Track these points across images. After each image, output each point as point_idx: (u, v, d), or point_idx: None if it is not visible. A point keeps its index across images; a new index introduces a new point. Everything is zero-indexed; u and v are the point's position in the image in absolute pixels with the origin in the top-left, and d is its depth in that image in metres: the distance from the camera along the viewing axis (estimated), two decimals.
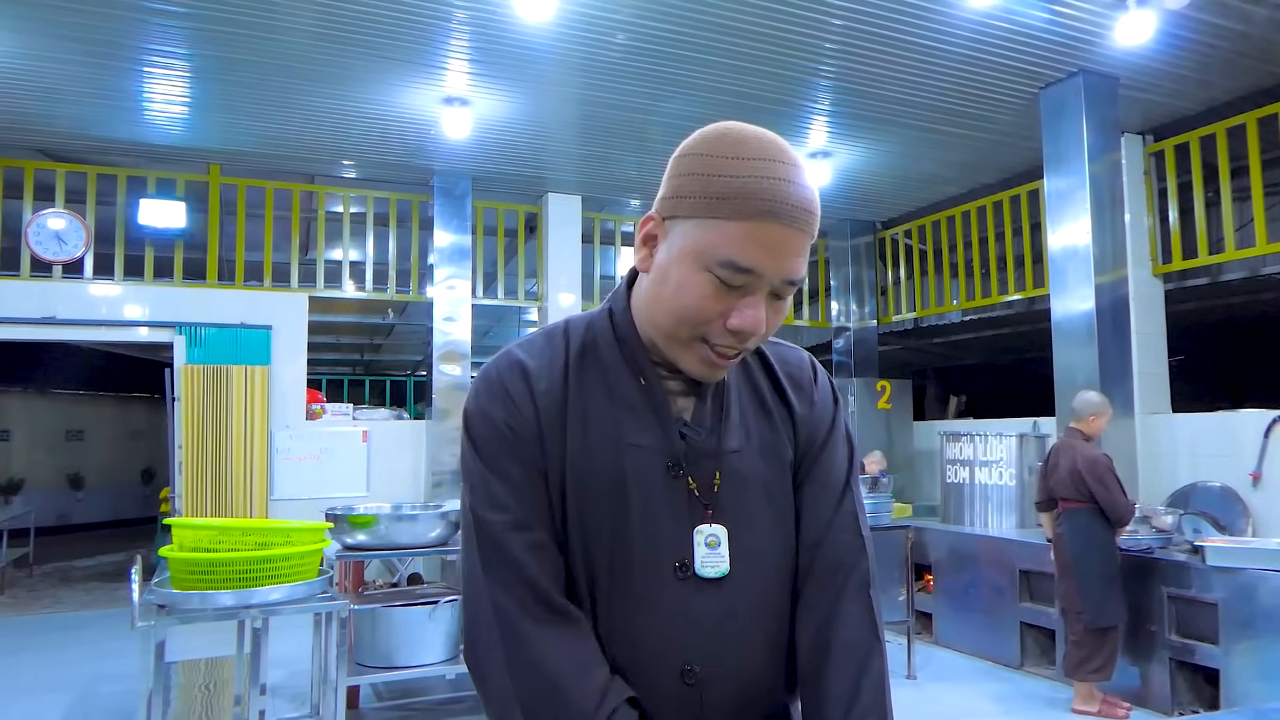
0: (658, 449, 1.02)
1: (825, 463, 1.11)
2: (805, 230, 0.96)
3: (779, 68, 5.79)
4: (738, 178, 0.94)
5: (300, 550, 3.25)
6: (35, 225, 7.05)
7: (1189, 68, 5.79)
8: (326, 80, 5.98)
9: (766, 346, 1.15)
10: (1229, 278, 6.46)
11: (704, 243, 0.94)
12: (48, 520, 12.77)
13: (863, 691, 1.01)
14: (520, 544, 0.98)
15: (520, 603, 0.97)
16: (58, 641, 6.61)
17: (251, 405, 7.31)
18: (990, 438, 6.32)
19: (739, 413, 1.08)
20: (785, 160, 0.96)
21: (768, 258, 0.94)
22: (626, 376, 1.04)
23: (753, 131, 0.99)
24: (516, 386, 1.03)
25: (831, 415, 1.13)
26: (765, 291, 0.97)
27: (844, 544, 1.08)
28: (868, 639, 1.05)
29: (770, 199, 0.93)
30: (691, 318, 0.97)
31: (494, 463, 1.01)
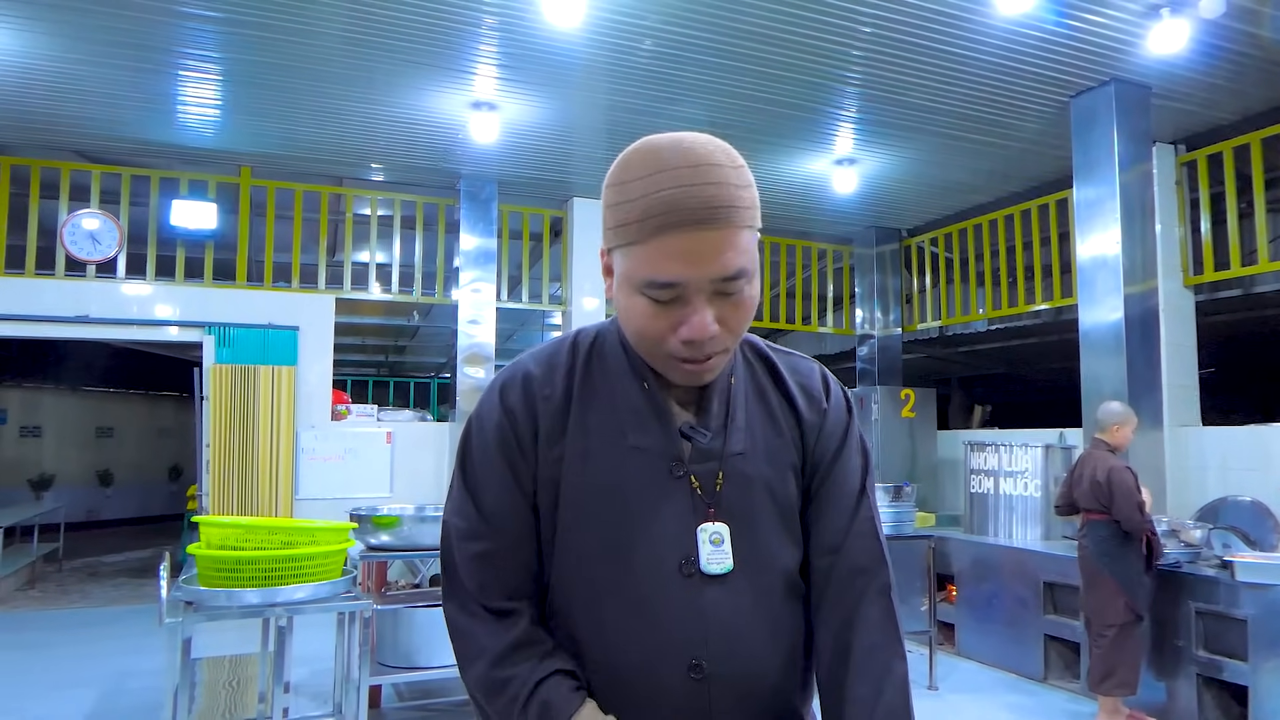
0: (659, 451, 1.05)
1: (840, 470, 1.12)
2: (718, 227, 0.93)
3: (806, 74, 5.78)
4: (635, 200, 0.95)
5: (325, 550, 3.28)
6: (70, 225, 7.18)
7: (1223, 77, 5.72)
8: (356, 84, 6.04)
9: (777, 356, 1.16)
10: (1262, 290, 6.37)
11: (628, 269, 0.97)
12: (77, 516, 12.98)
13: (885, 695, 1.02)
14: (464, 553, 1.07)
15: (464, 606, 1.07)
16: (86, 636, 6.70)
17: (278, 405, 7.40)
18: (1015, 448, 6.26)
19: (745, 417, 1.10)
20: (681, 165, 0.94)
21: (684, 267, 0.94)
22: (630, 381, 1.08)
23: (652, 145, 0.98)
24: (516, 395, 1.08)
25: (845, 424, 1.15)
26: (704, 296, 0.96)
27: (862, 549, 1.09)
28: (889, 643, 1.06)
29: (665, 211, 0.92)
30: (646, 338, 1.00)
31: (471, 472, 1.09)
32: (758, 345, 1.18)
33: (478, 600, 1.05)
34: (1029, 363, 11.34)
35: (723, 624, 1.02)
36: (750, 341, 1.17)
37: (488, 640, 1.04)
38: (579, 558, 1.04)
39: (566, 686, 1.02)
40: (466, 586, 1.06)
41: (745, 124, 6.64)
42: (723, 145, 0.99)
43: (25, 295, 7.02)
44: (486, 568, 1.06)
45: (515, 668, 1.02)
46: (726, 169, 0.95)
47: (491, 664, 1.03)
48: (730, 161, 0.97)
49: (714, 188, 0.93)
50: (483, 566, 1.06)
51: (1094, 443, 4.88)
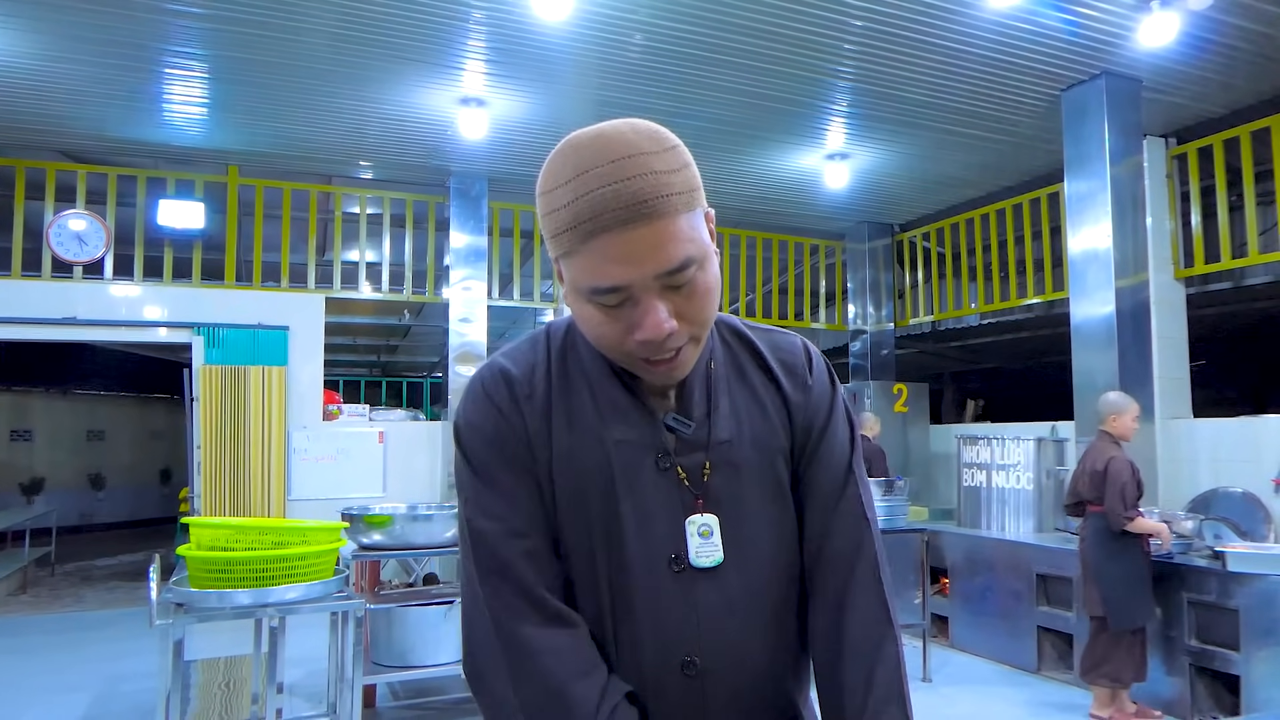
0: (644, 443, 1.02)
1: (826, 447, 1.09)
2: (650, 221, 0.88)
3: (798, 69, 5.78)
4: (562, 209, 0.91)
5: (316, 550, 3.26)
6: (56, 226, 7.12)
7: (1213, 70, 5.73)
8: (343, 81, 6.01)
9: (756, 335, 1.13)
10: (1252, 282, 6.39)
11: (572, 277, 0.94)
12: (69, 520, 12.91)
13: (878, 679, 1.00)
14: (515, 551, 0.99)
15: (517, 611, 0.97)
16: (79, 640, 6.66)
17: (269, 406, 7.36)
18: (1008, 441, 6.27)
19: (729, 403, 1.07)
20: (600, 163, 0.89)
21: (623, 269, 0.89)
22: (607, 375, 1.04)
23: (572, 147, 0.92)
24: (501, 394, 1.04)
25: (830, 399, 1.11)
26: (654, 293, 0.91)
27: (850, 528, 1.07)
28: (881, 625, 1.03)
29: (592, 215, 0.88)
30: (605, 344, 0.97)
31: (485, 472, 1.02)
32: (735, 326, 1.14)
33: (540, 604, 0.98)
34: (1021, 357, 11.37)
35: (714, 620, 1.00)
36: (728, 323, 1.14)
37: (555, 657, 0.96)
38: (570, 557, 1.02)
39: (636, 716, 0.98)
40: (526, 586, 0.98)
41: (737, 119, 6.63)
42: (649, 130, 0.92)
43: (11, 297, 6.96)
44: (541, 565, 1.00)
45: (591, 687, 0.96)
46: (650, 156, 0.89)
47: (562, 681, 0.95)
48: (656, 146, 0.91)
49: (638, 180, 0.88)
50: (537, 564, 1.00)
51: (1098, 435, 4.82)
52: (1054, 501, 6.09)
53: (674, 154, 0.92)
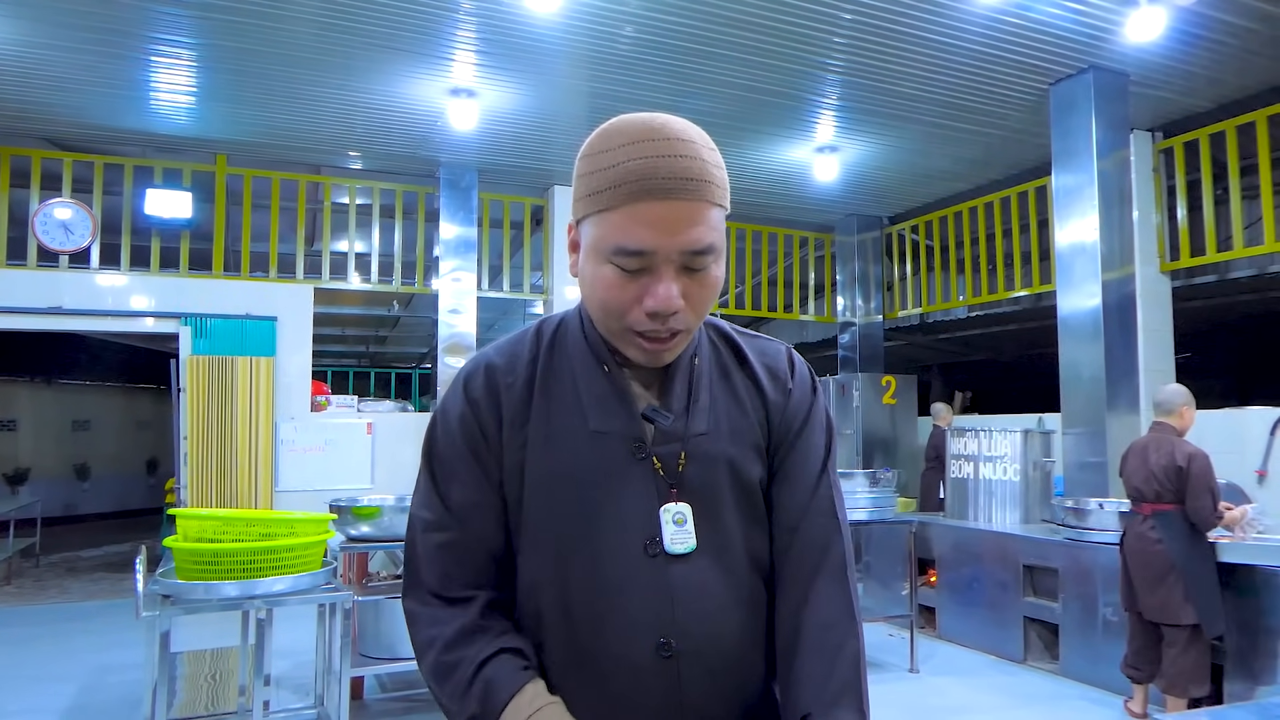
0: (621, 434, 1.06)
1: (802, 449, 1.13)
2: (690, 199, 0.95)
3: (788, 61, 5.77)
4: (611, 168, 0.96)
5: (304, 541, 3.25)
6: (42, 215, 7.06)
7: (1200, 64, 5.76)
8: (333, 70, 5.97)
9: (742, 339, 1.17)
10: (1237, 275, 6.44)
11: (598, 237, 0.98)
12: (54, 510, 12.82)
13: (836, 672, 1.02)
14: (430, 543, 1.08)
15: (420, 596, 1.08)
16: (64, 631, 6.63)
17: (256, 396, 7.33)
18: (995, 433, 6.31)
19: (709, 399, 1.10)
20: (657, 137, 0.96)
21: (654, 235, 0.95)
22: (591, 366, 1.08)
23: (629, 120, 0.99)
24: (479, 385, 1.09)
25: (809, 403, 1.15)
26: (672, 268, 0.97)
27: (819, 527, 1.10)
28: (842, 620, 1.06)
29: (640, 178, 0.94)
30: (610, 309, 1.00)
31: (435, 463, 1.11)
32: (723, 328, 1.18)
33: (437, 591, 1.07)
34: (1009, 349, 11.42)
35: (689, 602, 1.03)
36: (715, 325, 1.18)
37: (439, 627, 1.05)
38: (546, 542, 1.05)
39: (513, 665, 1.02)
40: (427, 577, 1.08)
41: (727, 111, 6.63)
42: (697, 128, 1.01)
43: None
44: (450, 558, 1.07)
45: (464, 650, 1.03)
46: (700, 146, 0.98)
47: (442, 649, 1.04)
48: (704, 141, 0.99)
49: (688, 160, 0.95)
50: (446, 557, 1.07)
51: (1158, 427, 4.52)
52: (1040, 493, 6.13)
53: (717, 154, 1.02)
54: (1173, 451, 4.33)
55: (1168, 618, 4.26)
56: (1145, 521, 4.39)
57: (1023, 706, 4.82)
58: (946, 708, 4.79)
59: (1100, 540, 5.09)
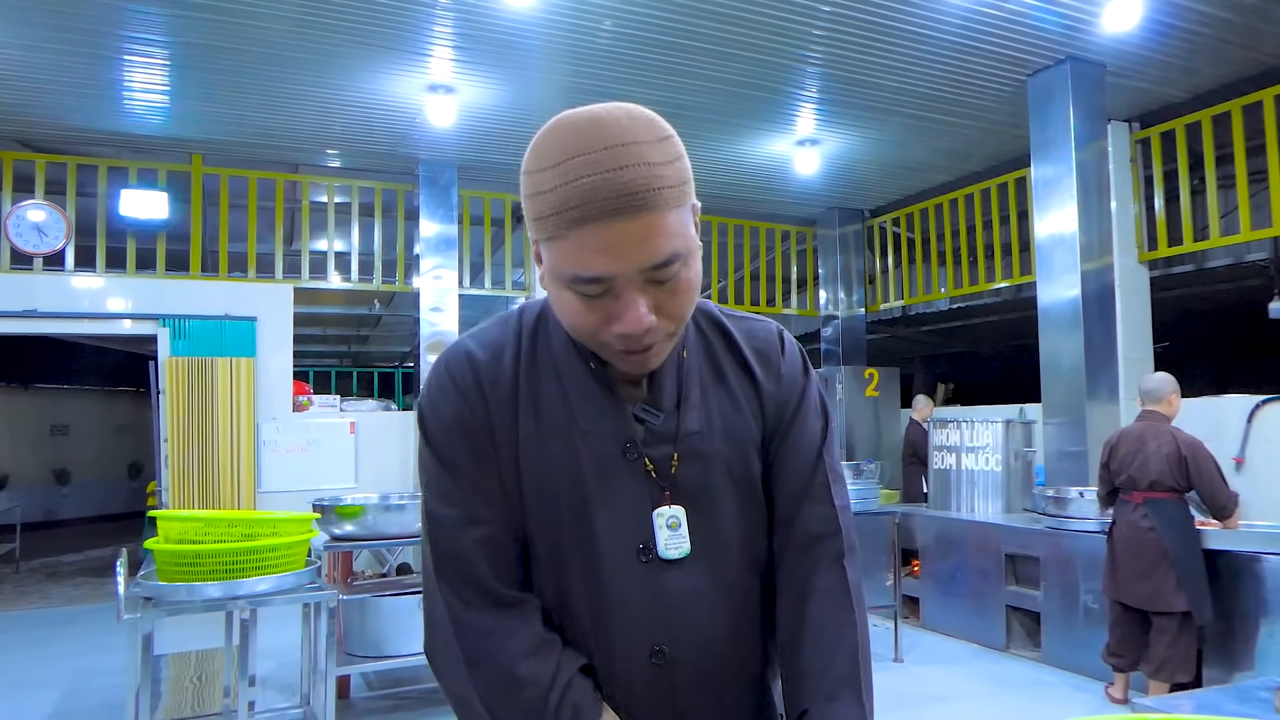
0: (611, 434, 1.01)
1: (796, 435, 1.08)
2: (641, 214, 0.85)
3: (767, 54, 5.78)
4: (549, 191, 0.87)
5: (287, 541, 3.23)
6: (15, 217, 6.96)
7: (1175, 55, 5.81)
8: (309, 68, 5.92)
9: (732, 323, 1.11)
10: (1214, 264, 6.51)
11: (552, 263, 0.91)
12: (34, 516, 12.67)
13: (834, 666, 1.00)
14: (468, 540, 0.99)
15: (468, 598, 0.98)
16: (46, 637, 6.56)
17: (237, 397, 7.26)
18: (977, 424, 6.35)
19: (700, 394, 1.05)
20: (594, 149, 0.85)
21: (608, 261, 0.87)
22: (577, 363, 1.02)
23: (562, 127, 0.89)
24: (465, 379, 1.02)
25: (801, 387, 1.10)
26: (635, 288, 0.89)
27: (817, 516, 1.06)
28: (843, 611, 1.03)
29: (580, 203, 0.85)
30: (580, 333, 0.95)
31: (445, 457, 1.01)
32: (712, 313, 1.12)
33: (492, 589, 0.98)
34: (990, 341, 11.51)
35: (683, 610, 1.00)
36: (705, 310, 1.12)
37: (500, 639, 0.97)
38: (541, 544, 1.02)
39: (589, 687, 0.98)
40: (480, 575, 0.98)
41: (707, 105, 6.63)
42: (644, 117, 0.90)
43: None
44: (494, 552, 0.99)
45: (540, 666, 0.96)
46: (645, 146, 0.87)
47: (513, 663, 0.96)
48: (651, 135, 0.88)
49: (631, 170, 0.85)
50: (490, 551, 0.99)
51: (1149, 415, 4.50)
52: (1022, 483, 6.18)
53: (669, 144, 0.90)
54: (1174, 440, 4.33)
55: (1159, 605, 4.26)
56: (1137, 510, 4.39)
57: (1005, 693, 4.86)
58: (930, 696, 4.82)
59: (1081, 528, 5.14)
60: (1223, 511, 4.27)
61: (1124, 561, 4.42)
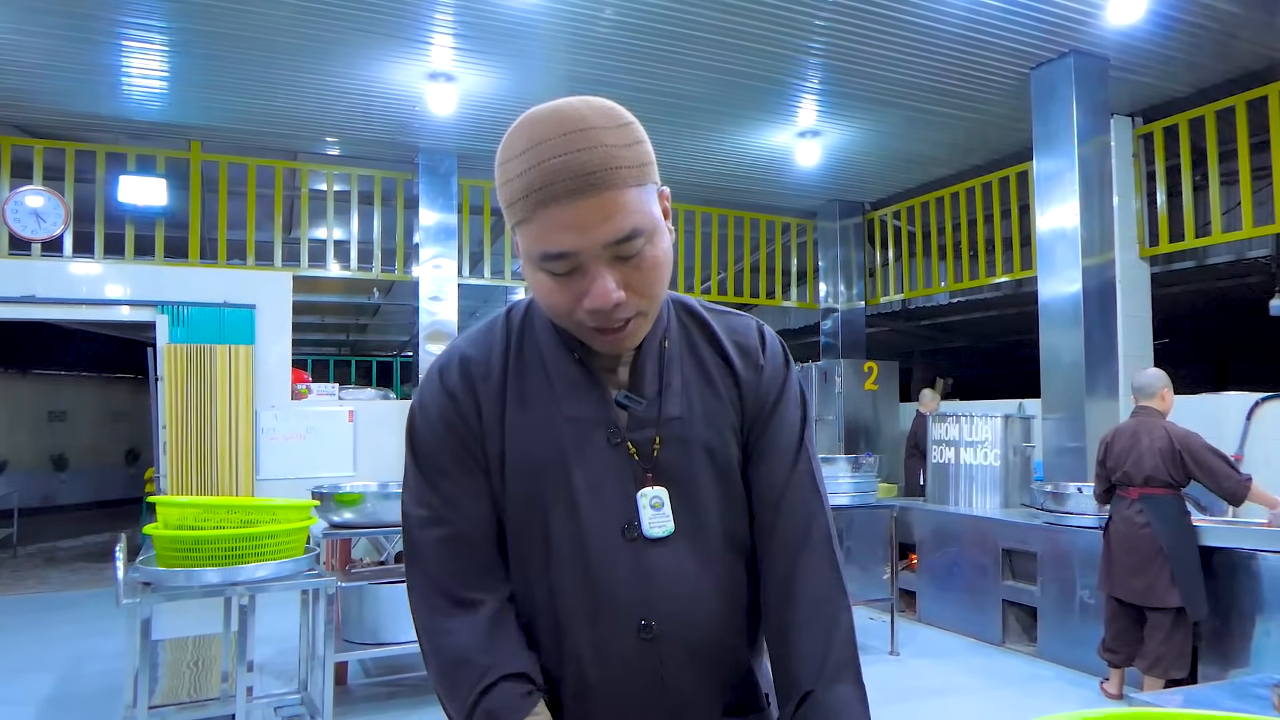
0: (595, 419, 1.06)
1: (777, 425, 1.12)
2: (598, 192, 0.92)
3: (769, 44, 5.75)
4: (516, 178, 0.94)
5: (286, 528, 3.23)
6: (13, 203, 6.94)
7: (1179, 49, 5.79)
8: (308, 54, 5.89)
9: (712, 316, 1.16)
10: (1215, 261, 6.50)
11: (524, 246, 0.98)
12: (31, 501, 12.68)
13: (833, 648, 1.03)
14: (431, 540, 1.06)
15: (426, 595, 1.06)
16: (43, 621, 6.57)
17: (236, 385, 7.26)
18: (976, 419, 6.35)
19: (681, 382, 1.10)
20: (553, 135, 0.92)
21: (572, 236, 0.93)
22: (562, 352, 1.08)
23: (528, 120, 0.96)
24: (454, 379, 1.08)
25: (782, 378, 1.15)
26: (602, 263, 0.95)
27: (801, 501, 1.10)
28: (833, 594, 1.07)
29: (544, 184, 0.92)
30: (555, 312, 1.00)
31: (423, 458, 1.08)
32: (691, 307, 1.17)
33: (446, 590, 1.05)
34: (990, 335, 11.50)
35: (668, 585, 1.04)
36: (684, 303, 1.17)
37: (447, 638, 1.04)
38: (526, 529, 1.06)
39: (515, 692, 1.01)
40: (434, 574, 1.06)
41: (708, 95, 6.60)
42: (604, 106, 0.96)
43: None
44: (455, 553, 1.06)
45: (469, 670, 1.02)
46: (602, 130, 0.93)
47: (447, 665, 1.03)
48: (609, 122, 0.94)
49: (588, 153, 0.92)
50: (451, 551, 1.06)
51: (1143, 411, 4.51)
52: (1020, 478, 6.19)
53: (627, 130, 0.96)
54: (1167, 434, 4.33)
55: (1153, 601, 4.27)
56: (1132, 505, 4.40)
57: (1000, 688, 4.87)
58: (926, 689, 4.83)
59: (1079, 524, 5.14)
60: (1234, 497, 4.23)
61: (1119, 557, 4.43)
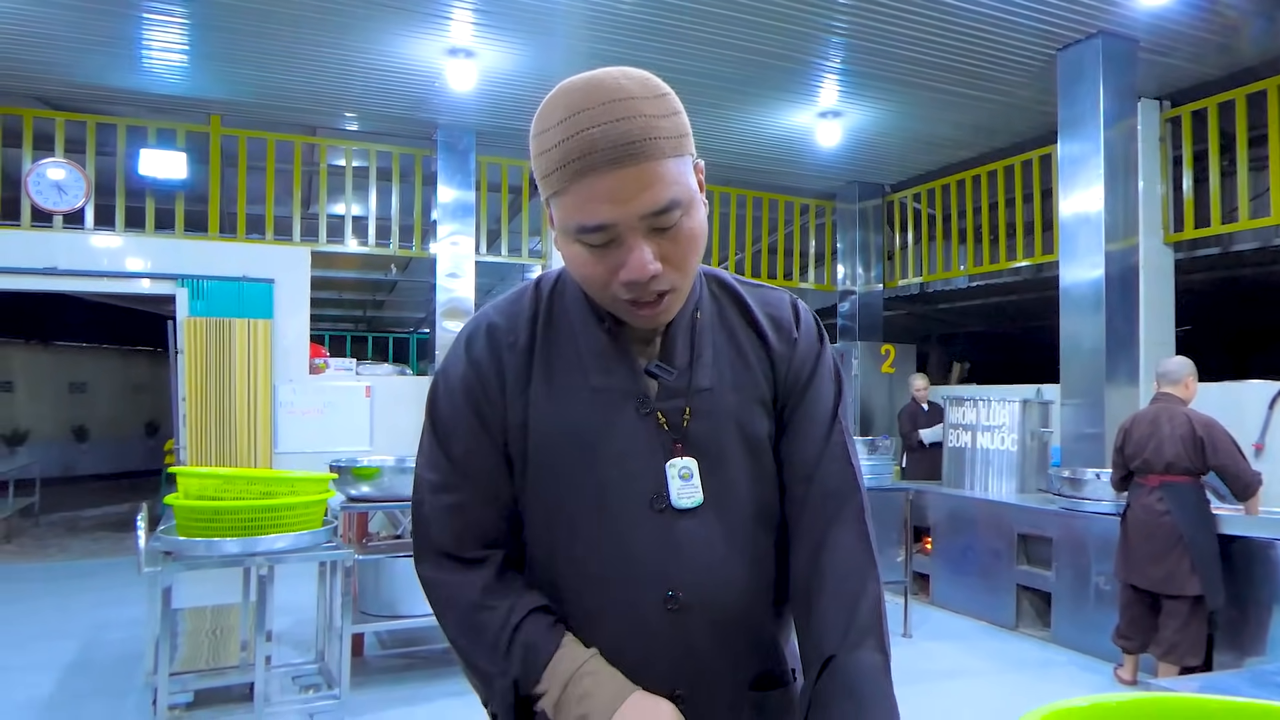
0: (624, 389, 1.05)
1: (811, 398, 1.12)
2: (638, 162, 0.91)
3: (791, 23, 5.69)
4: (553, 148, 0.93)
5: (305, 500, 3.26)
6: (35, 175, 6.99)
7: (1212, 30, 5.68)
8: (329, 29, 5.88)
9: (745, 290, 1.15)
10: (1241, 248, 6.41)
11: (561, 217, 0.97)
12: (53, 471, 12.87)
13: (858, 616, 1.02)
14: (439, 505, 1.08)
15: (431, 558, 1.09)
16: (65, 589, 6.67)
17: (254, 359, 7.31)
18: (994, 403, 6.31)
19: (712, 354, 1.09)
20: (592, 104, 0.91)
21: (609, 209, 0.92)
22: (591, 322, 1.07)
23: (565, 89, 0.95)
24: (480, 346, 1.08)
25: (816, 352, 1.14)
26: (639, 235, 0.94)
27: (835, 474, 1.09)
28: (862, 565, 1.06)
29: (582, 154, 0.91)
30: (590, 285, 1.00)
31: (440, 424, 1.09)
32: (725, 280, 1.16)
33: (451, 552, 1.07)
34: (1008, 320, 11.41)
35: (696, 556, 1.03)
36: (718, 277, 1.16)
37: (460, 589, 1.05)
38: (552, 500, 1.05)
39: (545, 623, 1.03)
40: (439, 539, 1.07)
41: (729, 74, 6.54)
42: (641, 76, 0.95)
43: None
44: (460, 519, 1.07)
45: (493, 612, 1.03)
46: (640, 100, 0.92)
47: (469, 610, 1.04)
48: (647, 92, 0.93)
49: (627, 122, 0.91)
50: (457, 518, 1.07)
51: (1164, 398, 4.45)
52: (1037, 463, 6.16)
53: (664, 100, 0.95)
54: (1189, 421, 4.29)
55: (1172, 589, 4.25)
56: (1152, 493, 4.37)
57: (1013, 671, 4.88)
58: (938, 672, 4.84)
59: (1096, 510, 5.12)
60: (1246, 490, 4.22)
61: (1138, 544, 4.41)
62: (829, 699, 0.97)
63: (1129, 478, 4.53)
